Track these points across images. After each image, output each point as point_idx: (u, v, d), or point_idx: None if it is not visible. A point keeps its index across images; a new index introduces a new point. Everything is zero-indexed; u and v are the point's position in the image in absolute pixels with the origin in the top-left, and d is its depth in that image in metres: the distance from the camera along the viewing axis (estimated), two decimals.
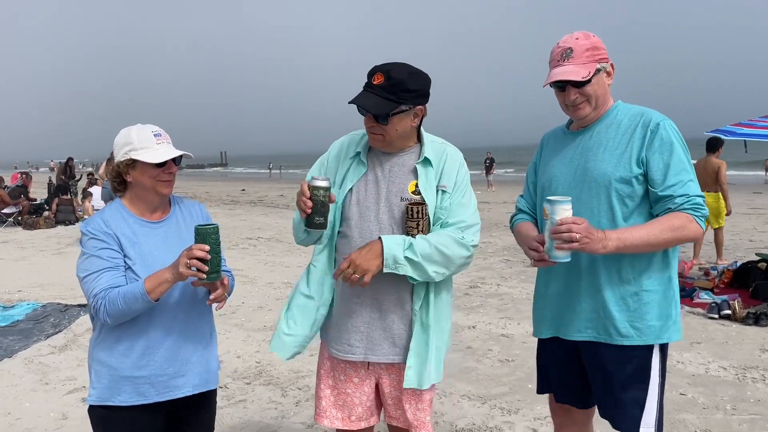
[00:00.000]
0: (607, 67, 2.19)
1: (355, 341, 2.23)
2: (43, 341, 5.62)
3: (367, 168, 2.24)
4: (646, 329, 2.13)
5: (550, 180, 2.30)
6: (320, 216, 2.07)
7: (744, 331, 5.61)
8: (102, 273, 2.01)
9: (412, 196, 2.19)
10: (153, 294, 1.96)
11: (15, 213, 15.01)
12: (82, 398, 4.28)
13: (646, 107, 2.21)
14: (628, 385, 2.15)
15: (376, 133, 2.17)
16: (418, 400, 2.26)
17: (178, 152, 2.10)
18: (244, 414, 3.99)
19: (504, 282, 7.82)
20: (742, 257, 8.45)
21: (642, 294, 2.13)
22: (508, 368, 4.74)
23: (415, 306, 2.19)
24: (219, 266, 1.96)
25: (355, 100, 2.12)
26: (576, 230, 1.96)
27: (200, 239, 1.93)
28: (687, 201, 2.06)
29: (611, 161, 2.14)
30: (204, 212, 2.34)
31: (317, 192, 2.05)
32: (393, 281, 2.16)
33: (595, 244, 1.99)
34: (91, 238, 2.05)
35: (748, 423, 3.70)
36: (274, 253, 10.31)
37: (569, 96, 2.18)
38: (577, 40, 2.16)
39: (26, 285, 8.08)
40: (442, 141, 2.31)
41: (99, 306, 1.98)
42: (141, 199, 2.15)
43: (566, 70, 2.14)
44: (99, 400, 2.09)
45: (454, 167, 2.25)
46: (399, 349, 2.22)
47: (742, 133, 7.87)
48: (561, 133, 2.40)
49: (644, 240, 2.04)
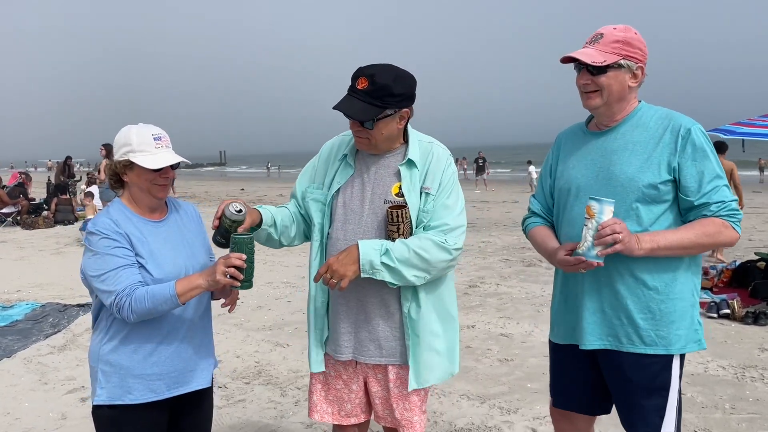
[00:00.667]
0: (633, 67, 2.10)
1: (343, 341, 2.24)
2: (42, 341, 5.62)
3: (354, 170, 2.25)
4: (671, 338, 2.10)
5: (570, 182, 2.24)
6: (220, 236, 2.12)
7: (743, 330, 5.62)
8: (121, 270, 2.01)
9: (396, 199, 2.18)
10: (183, 297, 1.99)
11: (14, 213, 14.99)
12: (81, 398, 4.27)
13: (671, 110, 2.16)
14: (650, 393, 2.12)
15: (362, 137, 2.17)
16: (405, 400, 2.26)
17: (175, 159, 2.09)
18: (243, 414, 3.99)
19: (503, 281, 7.82)
20: (741, 256, 8.46)
21: (667, 302, 2.09)
22: (507, 368, 4.74)
23: (404, 308, 2.19)
24: (252, 275, 1.99)
25: (339, 106, 2.11)
26: (619, 230, 1.94)
27: (237, 248, 1.96)
28: (723, 207, 2.04)
29: (637, 165, 2.08)
30: (196, 212, 2.38)
31: (225, 219, 2.08)
32: (376, 284, 2.16)
33: (632, 245, 1.98)
34: (102, 237, 2.04)
35: (747, 422, 3.71)
36: (273, 253, 10.30)
37: (580, 79, 2.13)
38: (614, 30, 2.11)
39: (25, 285, 8.07)
40: (429, 140, 2.29)
41: (123, 303, 1.98)
42: (138, 200, 2.16)
43: (583, 51, 2.10)
44: (109, 400, 2.08)
45: (440, 167, 2.22)
46: (385, 351, 2.23)
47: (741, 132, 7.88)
48: (580, 132, 2.32)
49: (677, 243, 2.02)
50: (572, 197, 2.22)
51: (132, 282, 2.00)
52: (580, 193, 2.19)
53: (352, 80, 2.13)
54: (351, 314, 2.22)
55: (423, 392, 2.29)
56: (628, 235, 1.96)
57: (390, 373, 2.25)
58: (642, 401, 2.13)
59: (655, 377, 2.12)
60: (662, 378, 2.12)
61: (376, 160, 2.24)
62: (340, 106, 2.12)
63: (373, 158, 2.24)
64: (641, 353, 2.11)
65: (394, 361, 2.24)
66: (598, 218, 1.96)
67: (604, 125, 2.21)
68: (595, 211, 1.97)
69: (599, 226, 1.95)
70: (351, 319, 2.23)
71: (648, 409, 2.13)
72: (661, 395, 2.12)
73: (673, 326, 2.10)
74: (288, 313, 6.50)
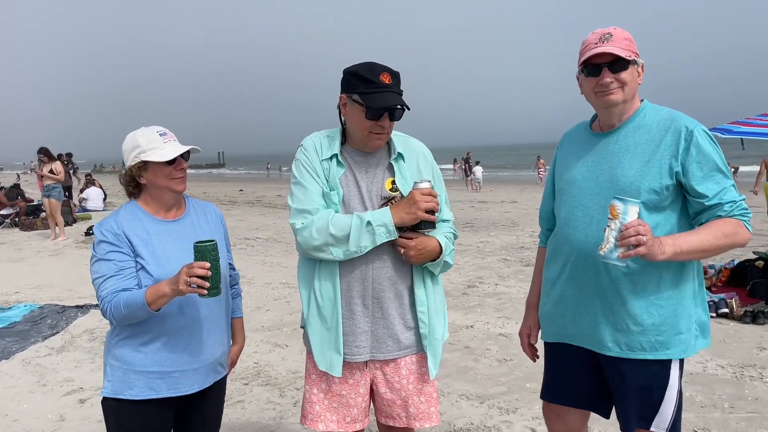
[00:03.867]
0: (639, 64, 2.12)
1: (361, 342, 2.21)
2: (40, 342, 5.61)
3: (345, 169, 2.23)
4: (671, 342, 2.08)
5: (570, 183, 2.22)
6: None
7: (742, 329, 5.62)
8: (109, 277, 2.06)
9: (390, 194, 2.20)
10: (153, 305, 2.00)
11: (12, 214, 14.98)
12: (79, 399, 4.27)
13: (674, 110, 2.13)
14: (649, 392, 2.11)
15: (383, 134, 2.17)
16: (420, 393, 2.27)
17: (185, 147, 2.15)
18: (242, 415, 3.99)
19: (502, 281, 7.82)
20: (740, 255, 8.46)
21: (666, 306, 2.08)
22: (506, 367, 4.73)
23: (418, 298, 2.22)
24: (219, 281, 1.97)
25: (391, 102, 2.10)
26: (643, 232, 1.86)
27: (200, 256, 1.92)
28: (735, 207, 2.03)
29: (638, 167, 2.06)
30: (217, 213, 2.39)
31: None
32: (391, 277, 2.18)
33: (656, 249, 1.90)
34: (101, 241, 2.11)
35: (746, 421, 3.71)
36: (272, 254, 10.30)
37: (604, 77, 2.08)
38: (616, 29, 2.10)
39: (23, 286, 8.06)
40: (403, 134, 2.33)
41: (105, 309, 2.06)
42: (156, 199, 2.19)
43: (610, 48, 2.05)
44: (112, 393, 2.14)
45: (428, 161, 2.31)
46: (402, 344, 2.23)
47: (740, 132, 7.88)
48: (584, 132, 2.30)
49: (698, 246, 1.98)
50: (573, 199, 2.20)
51: (115, 288, 2.04)
52: (580, 195, 2.18)
53: (374, 77, 2.10)
54: (368, 312, 2.20)
55: (436, 383, 2.33)
56: (651, 239, 1.88)
57: (402, 368, 2.25)
58: (640, 400, 2.13)
59: (654, 378, 2.11)
60: (662, 378, 2.12)
61: (364, 158, 2.24)
62: (390, 101, 2.10)
63: (362, 156, 2.24)
64: (641, 359, 2.10)
65: (410, 352, 2.25)
66: (622, 219, 1.86)
67: (608, 126, 2.19)
68: (619, 211, 1.87)
69: (623, 227, 1.87)
70: (368, 317, 2.21)
71: (647, 408, 2.12)
72: (660, 394, 2.11)
73: (673, 331, 2.08)
74: (287, 313, 6.49)
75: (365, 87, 2.10)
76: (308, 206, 2.16)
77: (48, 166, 12.26)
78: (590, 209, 2.14)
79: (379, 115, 2.11)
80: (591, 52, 2.08)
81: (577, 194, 2.19)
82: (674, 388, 2.12)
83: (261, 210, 19.26)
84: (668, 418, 2.12)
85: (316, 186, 2.18)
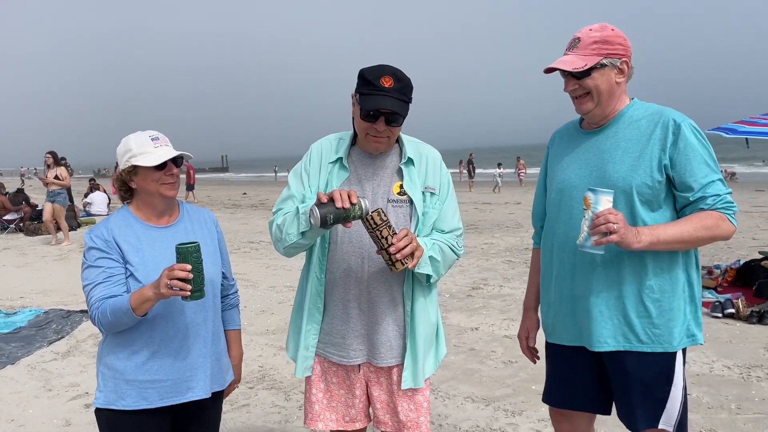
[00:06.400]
0: (617, 64, 2.10)
1: (356, 345, 2.23)
2: (45, 347, 5.62)
3: (350, 173, 2.23)
4: (670, 335, 2.10)
5: (564, 182, 2.23)
6: (333, 218, 1.96)
7: (748, 329, 5.60)
8: (98, 284, 2.05)
9: (399, 197, 2.19)
10: (138, 310, 1.97)
11: (17, 219, 15.02)
12: (85, 404, 4.27)
13: (663, 106, 2.15)
14: (653, 389, 2.12)
15: (385, 137, 2.15)
16: (410, 401, 2.26)
17: (175, 152, 2.11)
18: (247, 419, 3.98)
19: (506, 283, 7.80)
20: (745, 255, 8.43)
21: (663, 300, 2.09)
22: (511, 369, 4.72)
23: (406, 307, 2.21)
24: (203, 284, 1.93)
25: (380, 105, 2.05)
26: (613, 220, 1.90)
27: (181, 258, 1.89)
28: (719, 200, 2.04)
29: (629, 163, 2.08)
30: (212, 218, 2.36)
31: (355, 209, 1.97)
32: (386, 283, 2.18)
33: (630, 237, 1.95)
34: (90, 247, 2.10)
35: (753, 422, 3.69)
36: (276, 257, 10.30)
37: (567, 86, 2.14)
38: (590, 32, 2.10)
39: (28, 291, 8.08)
40: (417, 140, 2.32)
41: (94, 316, 2.05)
42: (147, 204, 2.17)
43: (563, 59, 2.11)
44: (105, 403, 2.11)
45: (437, 167, 2.28)
46: (394, 351, 2.23)
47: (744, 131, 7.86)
48: (573, 130, 2.32)
49: (677, 237, 2.01)
50: (567, 197, 2.21)
51: (103, 295, 2.03)
52: (574, 193, 2.18)
53: (374, 79, 2.07)
54: (363, 316, 2.21)
55: (427, 392, 2.30)
56: (624, 226, 1.93)
57: (394, 374, 2.25)
58: (644, 397, 2.13)
59: (658, 374, 2.12)
60: (664, 374, 2.12)
61: (372, 161, 2.23)
62: (381, 104, 2.05)
63: (369, 159, 2.23)
64: (643, 351, 2.11)
65: (401, 361, 2.24)
66: (594, 208, 1.94)
67: (595, 124, 2.21)
68: (591, 201, 1.95)
69: (593, 216, 1.93)
70: (364, 321, 2.21)
71: (647, 404, 2.12)
72: (664, 390, 2.12)
73: (671, 323, 2.10)
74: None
75: (365, 88, 2.10)
76: (281, 205, 2.25)
77: (53, 171, 12.30)
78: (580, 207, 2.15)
79: (368, 117, 2.09)
80: (549, 64, 2.13)
81: (571, 192, 2.20)
82: (679, 384, 2.13)
83: (265, 213, 19.27)
84: (675, 415, 2.12)
85: (300, 189, 2.25)
